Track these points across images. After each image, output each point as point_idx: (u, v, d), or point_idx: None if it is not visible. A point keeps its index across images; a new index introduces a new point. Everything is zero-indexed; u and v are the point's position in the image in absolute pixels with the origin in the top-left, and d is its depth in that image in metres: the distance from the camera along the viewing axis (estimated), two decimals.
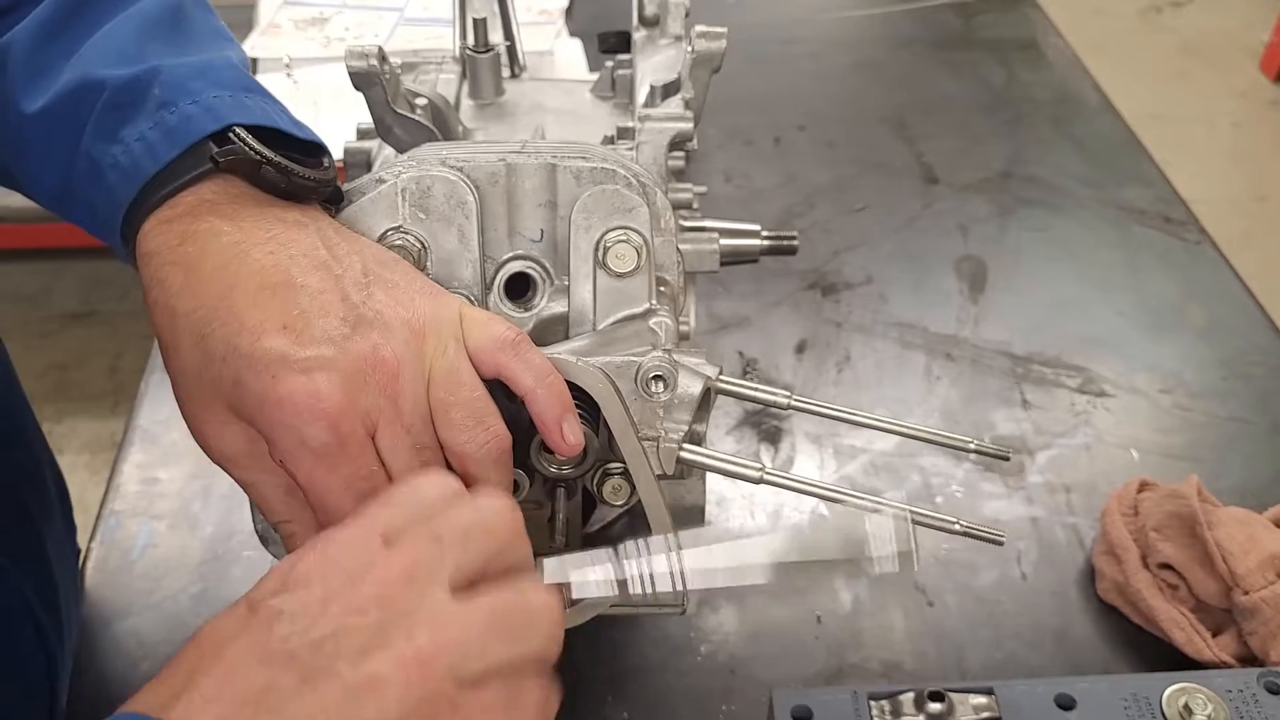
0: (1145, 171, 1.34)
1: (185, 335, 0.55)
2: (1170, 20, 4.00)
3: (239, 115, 0.59)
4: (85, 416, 2.50)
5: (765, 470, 0.65)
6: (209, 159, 0.58)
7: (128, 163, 0.58)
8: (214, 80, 0.61)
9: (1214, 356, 1.09)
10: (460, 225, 0.64)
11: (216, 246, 0.56)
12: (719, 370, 0.66)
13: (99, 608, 0.87)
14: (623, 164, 0.65)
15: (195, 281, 0.55)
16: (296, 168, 0.59)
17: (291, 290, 0.55)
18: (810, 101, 1.47)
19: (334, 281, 0.56)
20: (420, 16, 1.60)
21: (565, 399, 0.59)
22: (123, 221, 0.59)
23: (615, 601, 0.65)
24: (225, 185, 0.58)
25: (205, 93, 0.59)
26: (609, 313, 0.66)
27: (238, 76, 0.63)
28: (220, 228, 0.56)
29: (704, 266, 0.77)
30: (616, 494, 0.66)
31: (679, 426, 0.64)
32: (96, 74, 0.61)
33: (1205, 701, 0.70)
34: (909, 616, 0.86)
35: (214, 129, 0.58)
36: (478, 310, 0.61)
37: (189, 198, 0.58)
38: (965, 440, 0.71)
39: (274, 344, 0.53)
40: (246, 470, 0.57)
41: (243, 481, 0.57)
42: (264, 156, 0.58)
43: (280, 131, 0.61)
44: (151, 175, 0.58)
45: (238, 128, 0.58)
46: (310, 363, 0.53)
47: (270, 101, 0.63)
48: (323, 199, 0.62)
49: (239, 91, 0.61)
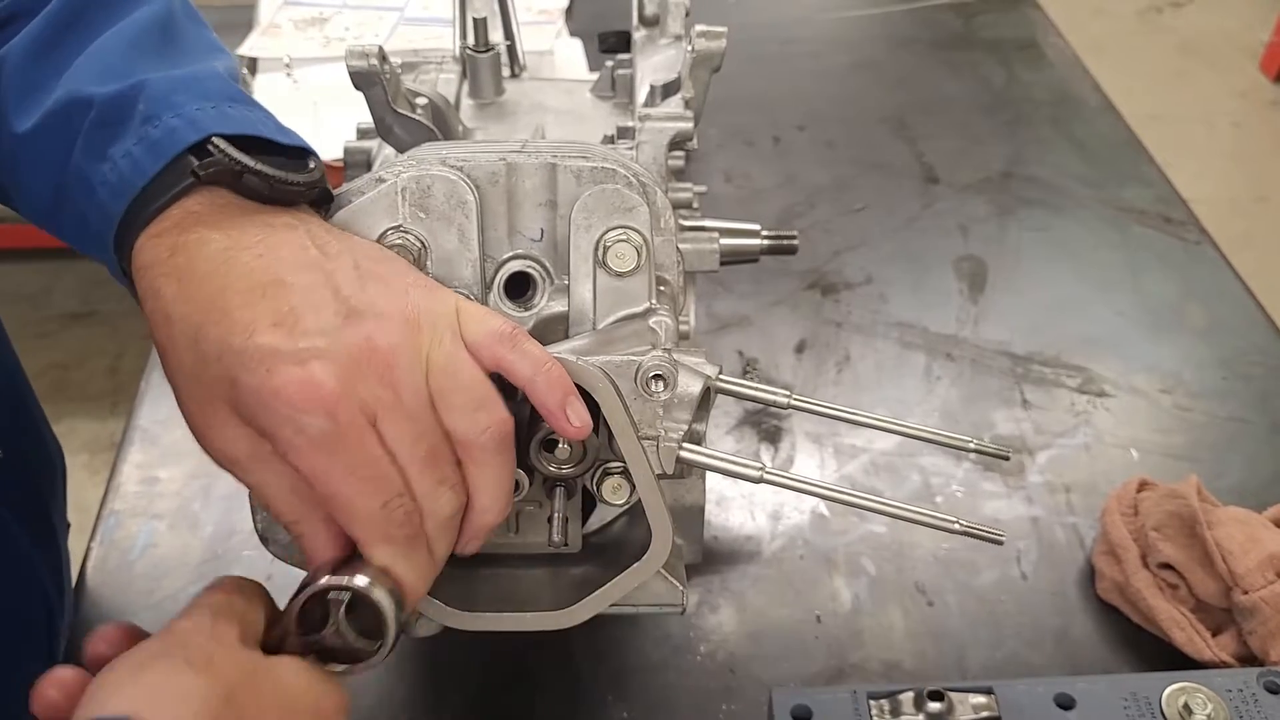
0: (1145, 171, 1.34)
1: (181, 339, 0.55)
2: (1170, 20, 4.00)
3: (220, 125, 0.59)
4: (85, 416, 2.50)
5: (765, 469, 0.65)
6: (190, 172, 0.58)
7: (116, 179, 0.59)
8: (198, 92, 0.61)
9: (1214, 356, 1.09)
10: (460, 225, 0.64)
11: (206, 254, 0.56)
12: (719, 370, 0.66)
13: (99, 608, 0.87)
14: (623, 163, 0.65)
15: (187, 288, 0.56)
16: (278, 174, 0.59)
17: (282, 289, 0.55)
18: (810, 101, 1.47)
19: (325, 277, 0.56)
20: (420, 16, 1.60)
21: (566, 384, 0.59)
22: (115, 237, 0.60)
23: (614, 602, 0.65)
24: (211, 196, 0.59)
25: (188, 105, 0.60)
26: (609, 312, 0.66)
27: (223, 87, 0.63)
28: (209, 236, 0.57)
29: (704, 266, 0.77)
30: (616, 493, 0.66)
31: (679, 426, 0.64)
32: (84, 91, 0.61)
33: (1205, 701, 0.70)
34: (909, 616, 0.86)
35: (195, 140, 0.59)
36: (474, 305, 0.61)
37: (176, 211, 0.58)
38: (965, 440, 0.71)
39: (267, 339, 0.53)
40: (251, 472, 0.57)
41: (248, 483, 0.58)
42: (244, 165, 0.58)
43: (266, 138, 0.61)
44: (139, 190, 0.58)
45: (216, 138, 0.59)
46: (304, 353, 0.53)
47: (255, 109, 0.63)
48: (310, 201, 0.63)
49: (222, 102, 0.61)
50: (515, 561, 0.71)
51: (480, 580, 0.69)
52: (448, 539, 0.59)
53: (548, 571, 0.70)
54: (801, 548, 0.91)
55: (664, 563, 0.64)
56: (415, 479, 0.56)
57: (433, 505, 0.57)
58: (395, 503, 0.55)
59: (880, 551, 0.91)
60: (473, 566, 0.68)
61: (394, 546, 0.56)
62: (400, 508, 0.55)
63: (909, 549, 0.91)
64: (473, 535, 0.60)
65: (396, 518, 0.56)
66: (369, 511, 0.55)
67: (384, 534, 0.56)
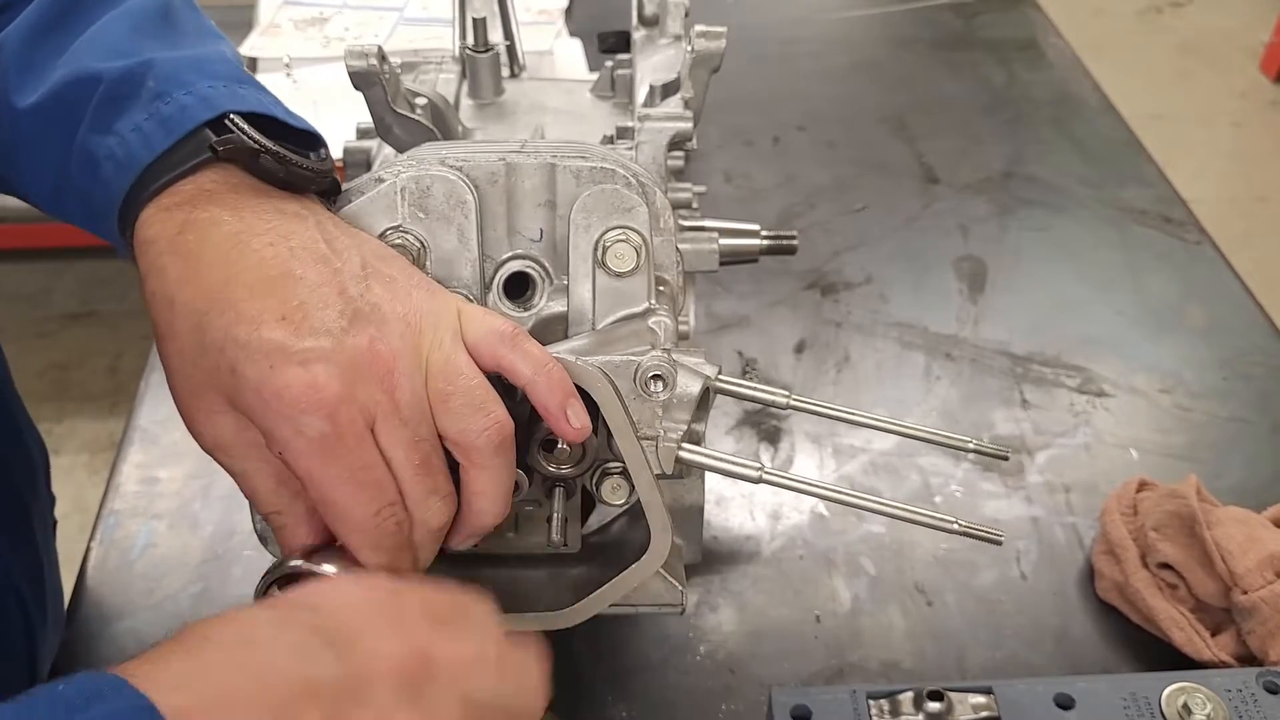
0: (1145, 171, 1.34)
1: (183, 323, 0.55)
2: (1170, 20, 4.00)
3: (234, 104, 0.59)
4: (85, 416, 2.50)
5: (764, 470, 0.65)
6: (208, 147, 0.58)
7: (123, 154, 0.59)
8: (208, 72, 0.61)
9: (1214, 356, 1.09)
10: (460, 224, 0.64)
11: (216, 236, 0.56)
12: (718, 370, 0.66)
13: (99, 608, 0.87)
14: (622, 164, 0.65)
15: (194, 271, 0.55)
16: (294, 156, 0.59)
17: (290, 282, 0.55)
18: (810, 101, 1.47)
19: (332, 275, 0.56)
20: (420, 16, 1.60)
21: (567, 385, 0.59)
22: (120, 212, 0.59)
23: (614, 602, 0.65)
24: (224, 174, 0.59)
25: (200, 83, 0.60)
26: (608, 312, 0.66)
27: (231, 69, 0.63)
28: (221, 217, 0.57)
29: (703, 266, 0.77)
30: (615, 493, 0.66)
31: (678, 426, 0.64)
32: (92, 67, 0.61)
33: (1204, 701, 0.70)
34: (908, 616, 0.86)
35: (209, 117, 0.59)
36: (475, 306, 0.61)
37: (188, 186, 0.58)
38: (964, 440, 0.71)
39: (272, 334, 0.53)
40: (237, 459, 0.57)
41: (233, 470, 0.58)
42: (262, 145, 0.58)
43: (276, 122, 0.61)
44: (147, 164, 0.58)
45: (234, 115, 0.59)
46: (308, 354, 0.53)
47: (264, 93, 0.63)
48: (320, 190, 0.63)
49: (233, 83, 0.61)
50: (515, 562, 0.71)
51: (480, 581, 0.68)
52: (432, 547, 0.59)
53: (547, 572, 0.70)
54: (801, 548, 0.91)
55: (663, 563, 0.64)
56: (408, 487, 0.56)
57: (423, 514, 0.57)
58: (387, 511, 0.55)
59: (880, 551, 0.91)
60: (473, 568, 0.68)
61: (381, 554, 0.56)
62: (391, 517, 0.56)
63: (909, 549, 0.91)
64: (469, 535, 0.60)
65: (387, 526, 0.56)
66: (361, 518, 0.55)
67: (374, 541, 0.56)
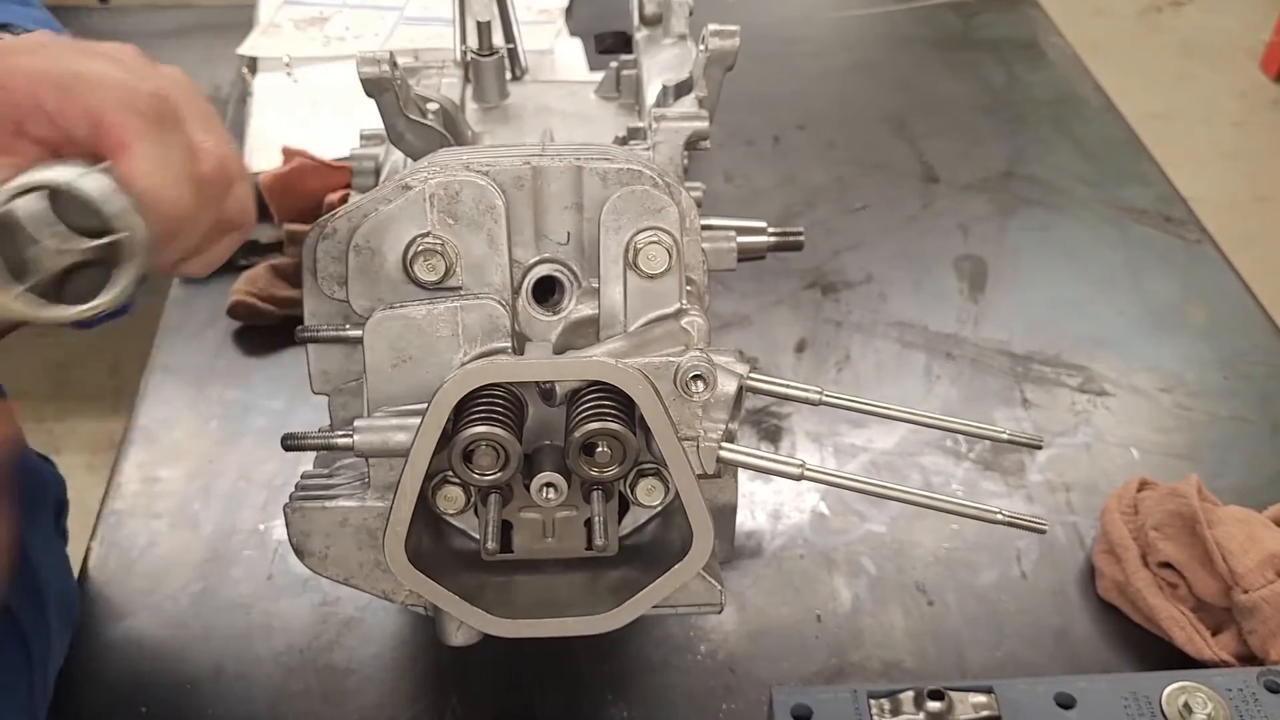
0: (1145, 171, 1.34)
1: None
2: (1170, 20, 4.00)
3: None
4: (85, 416, 2.50)
5: (805, 466, 0.64)
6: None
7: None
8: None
9: (1214, 356, 1.09)
10: (489, 230, 0.64)
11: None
12: (749, 368, 0.66)
13: (99, 607, 0.87)
14: (646, 164, 0.65)
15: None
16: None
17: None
18: (810, 101, 1.47)
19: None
20: (420, 16, 1.60)
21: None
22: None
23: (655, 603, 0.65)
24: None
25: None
26: (640, 314, 0.65)
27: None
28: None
29: (722, 265, 0.77)
30: (650, 494, 0.66)
31: (717, 425, 0.63)
32: None
33: (1205, 700, 0.70)
34: (909, 615, 0.86)
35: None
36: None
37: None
38: (998, 431, 0.71)
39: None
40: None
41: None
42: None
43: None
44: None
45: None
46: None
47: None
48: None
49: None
50: (552, 567, 0.70)
51: (518, 587, 0.68)
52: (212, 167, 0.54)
53: (585, 575, 0.69)
54: (802, 547, 0.91)
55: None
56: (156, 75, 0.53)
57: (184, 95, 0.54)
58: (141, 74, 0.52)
59: (880, 551, 0.91)
60: (510, 573, 0.68)
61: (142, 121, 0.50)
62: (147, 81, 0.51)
63: (909, 548, 0.91)
64: None
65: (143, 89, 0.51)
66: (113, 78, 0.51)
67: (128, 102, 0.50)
